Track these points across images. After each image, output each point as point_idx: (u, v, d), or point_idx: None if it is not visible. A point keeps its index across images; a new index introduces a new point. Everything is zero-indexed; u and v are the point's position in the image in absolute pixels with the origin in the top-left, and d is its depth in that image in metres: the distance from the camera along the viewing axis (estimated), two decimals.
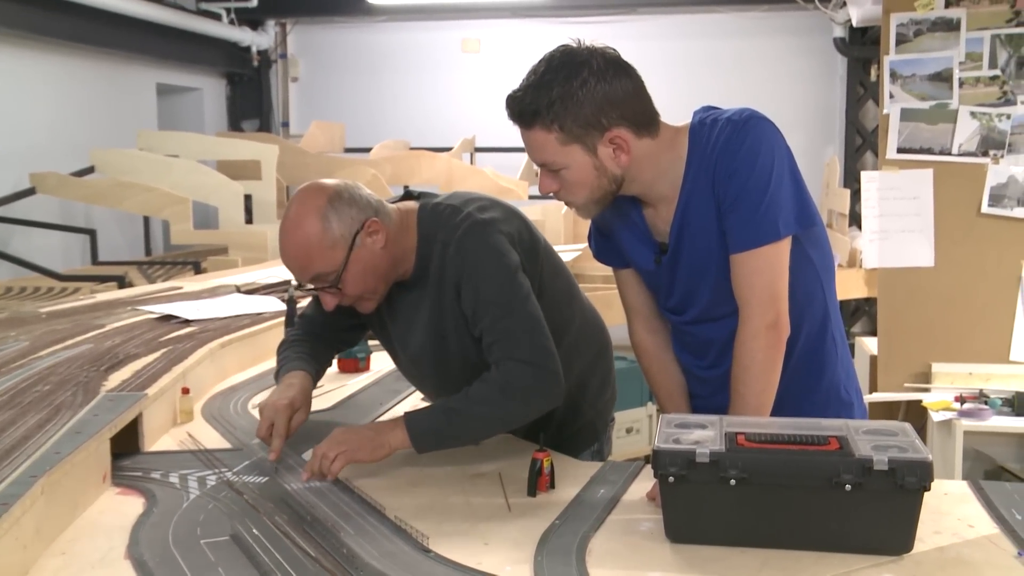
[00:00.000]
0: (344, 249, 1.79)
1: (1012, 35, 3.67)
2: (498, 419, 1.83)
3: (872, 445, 1.43)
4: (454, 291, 1.84)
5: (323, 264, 1.79)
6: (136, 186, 5.38)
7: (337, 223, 1.78)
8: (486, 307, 1.81)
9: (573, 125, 1.63)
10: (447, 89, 8.23)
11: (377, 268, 1.84)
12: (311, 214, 1.78)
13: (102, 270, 5.31)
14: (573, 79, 1.62)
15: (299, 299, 2.64)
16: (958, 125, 3.76)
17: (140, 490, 1.74)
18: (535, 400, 1.82)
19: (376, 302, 1.89)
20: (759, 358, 1.69)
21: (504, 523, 1.58)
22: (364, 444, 1.78)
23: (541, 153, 1.68)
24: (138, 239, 6.81)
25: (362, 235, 1.79)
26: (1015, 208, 3.75)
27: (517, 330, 1.80)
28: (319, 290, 1.86)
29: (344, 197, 1.81)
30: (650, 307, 1.92)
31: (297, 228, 1.79)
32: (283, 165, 6.52)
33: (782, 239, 1.67)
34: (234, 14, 7.76)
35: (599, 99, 1.63)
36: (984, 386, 3.72)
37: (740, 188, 1.65)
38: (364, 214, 1.81)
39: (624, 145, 1.67)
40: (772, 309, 1.68)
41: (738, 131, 1.67)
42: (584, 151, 1.66)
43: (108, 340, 2.59)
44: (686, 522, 1.48)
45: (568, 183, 1.70)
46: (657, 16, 7.80)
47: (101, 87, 6.52)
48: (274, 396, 1.92)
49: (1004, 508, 1.59)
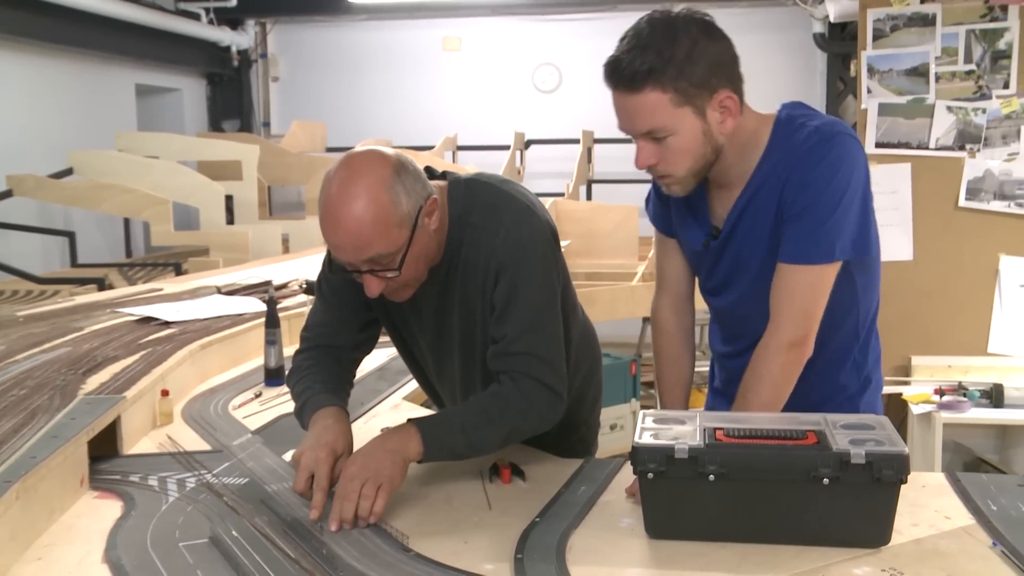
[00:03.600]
0: (409, 228, 1.57)
1: (986, 30, 3.70)
2: (506, 439, 1.71)
3: (850, 439, 1.44)
4: (492, 278, 1.69)
5: (386, 244, 1.56)
6: (115, 187, 5.35)
7: (405, 198, 1.57)
8: (520, 313, 1.67)
9: (688, 85, 1.57)
10: (428, 88, 8.23)
11: (429, 252, 1.66)
12: (377, 186, 1.54)
13: (81, 272, 5.28)
14: (684, 38, 1.56)
15: (278, 300, 2.63)
16: (935, 119, 3.79)
17: (118, 493, 1.73)
18: (543, 424, 1.72)
19: (413, 290, 1.70)
20: (775, 371, 1.67)
21: (484, 521, 1.58)
22: (392, 467, 1.57)
23: (651, 117, 1.59)
24: (118, 241, 6.77)
25: (422, 214, 1.60)
26: (992, 202, 3.78)
27: (544, 350, 1.68)
28: (367, 273, 1.61)
29: (409, 169, 1.59)
30: (684, 286, 1.90)
31: (357, 200, 1.53)
32: (264, 165, 6.50)
33: (833, 263, 1.65)
34: (213, 14, 7.73)
35: (710, 58, 1.58)
36: (963, 378, 3.75)
37: (809, 201, 1.62)
38: (427, 190, 1.62)
39: (733, 108, 1.62)
40: (802, 328, 1.66)
41: (824, 143, 1.63)
42: (695, 114, 1.59)
43: (86, 343, 2.57)
44: (666, 518, 1.48)
45: (672, 151, 1.62)
46: (637, 12, 7.63)
47: (79, 88, 6.48)
48: (309, 442, 1.63)
49: (980, 499, 1.60)
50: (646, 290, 4.96)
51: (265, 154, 6.46)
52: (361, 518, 1.54)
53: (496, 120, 7.96)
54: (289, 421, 2.17)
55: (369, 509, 1.53)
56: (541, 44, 8.16)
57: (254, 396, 2.42)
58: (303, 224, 6.08)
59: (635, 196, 7.22)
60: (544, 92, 8.19)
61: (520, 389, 1.67)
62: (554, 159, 7.77)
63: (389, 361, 2.72)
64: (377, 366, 2.68)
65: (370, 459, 1.58)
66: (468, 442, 1.66)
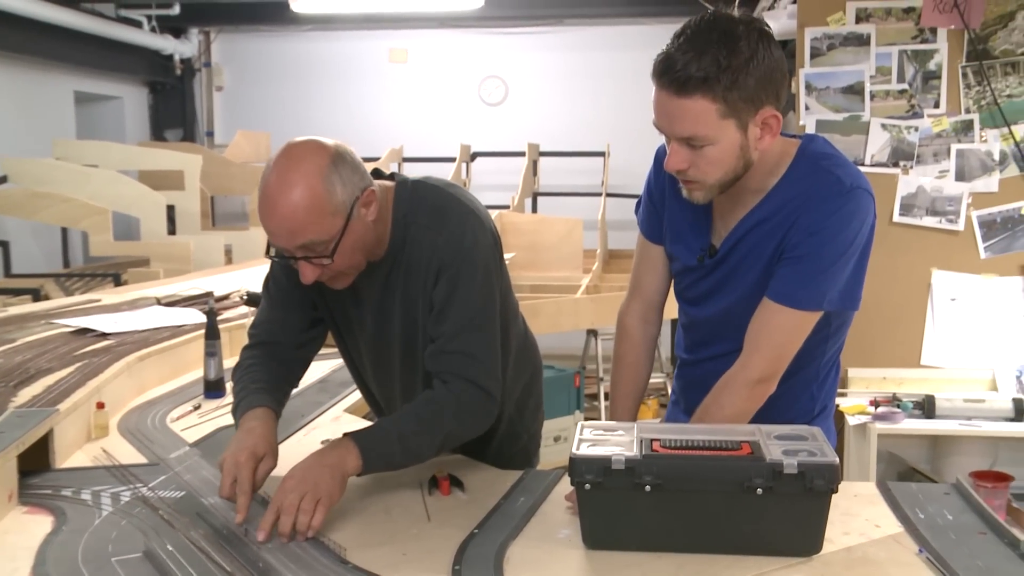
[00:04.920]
0: (343, 217, 1.62)
1: (917, 51, 3.81)
2: (443, 444, 1.72)
3: (783, 450, 1.47)
4: (433, 277, 1.73)
5: (319, 231, 1.61)
6: (53, 196, 5.24)
7: (340, 187, 1.61)
8: (458, 312, 1.71)
9: (737, 99, 1.54)
10: (375, 99, 8.20)
11: (366, 242, 1.70)
12: (313, 174, 1.59)
13: (15, 283, 5.16)
14: (744, 48, 1.52)
15: (219, 312, 2.60)
16: (870, 136, 3.89)
17: (49, 508, 1.70)
18: (478, 427, 1.76)
19: (351, 279, 1.73)
20: (738, 403, 1.67)
21: (423, 533, 1.58)
22: (331, 482, 1.57)
23: (693, 125, 1.56)
24: (55, 251, 6.62)
25: (358, 205, 1.64)
26: (924, 217, 3.88)
27: (480, 350, 1.71)
28: (303, 259, 1.64)
29: (347, 160, 1.64)
30: (657, 297, 1.90)
31: (294, 188, 1.58)
32: (207, 175, 6.41)
33: (817, 312, 1.67)
34: (156, 22, 7.63)
35: (763, 74, 1.54)
36: (897, 390, 3.83)
37: (813, 248, 1.62)
38: (364, 181, 1.67)
39: (775, 127, 1.59)
40: (773, 366, 1.67)
41: (842, 195, 1.61)
42: (737, 127, 1.57)
43: (19, 355, 2.51)
44: (603, 528, 1.49)
45: (706, 160, 1.60)
46: (584, 27, 7.89)
47: (14, 95, 6.34)
48: (232, 447, 1.66)
49: (909, 508, 1.64)
50: (590, 303, 5.00)
51: (208, 164, 6.37)
52: (300, 532, 1.53)
53: (442, 132, 7.96)
54: (228, 433, 2.14)
55: (307, 524, 1.53)
56: (487, 57, 8.19)
57: (193, 408, 2.39)
58: (246, 235, 6.00)
59: (580, 209, 7.29)
60: (490, 105, 8.22)
61: (453, 392, 1.70)
62: (500, 171, 7.79)
63: (331, 373, 2.71)
64: (319, 378, 2.66)
65: (309, 473, 1.58)
66: (405, 450, 1.67)
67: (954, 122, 3.82)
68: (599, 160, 7.50)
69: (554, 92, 8.05)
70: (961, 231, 3.86)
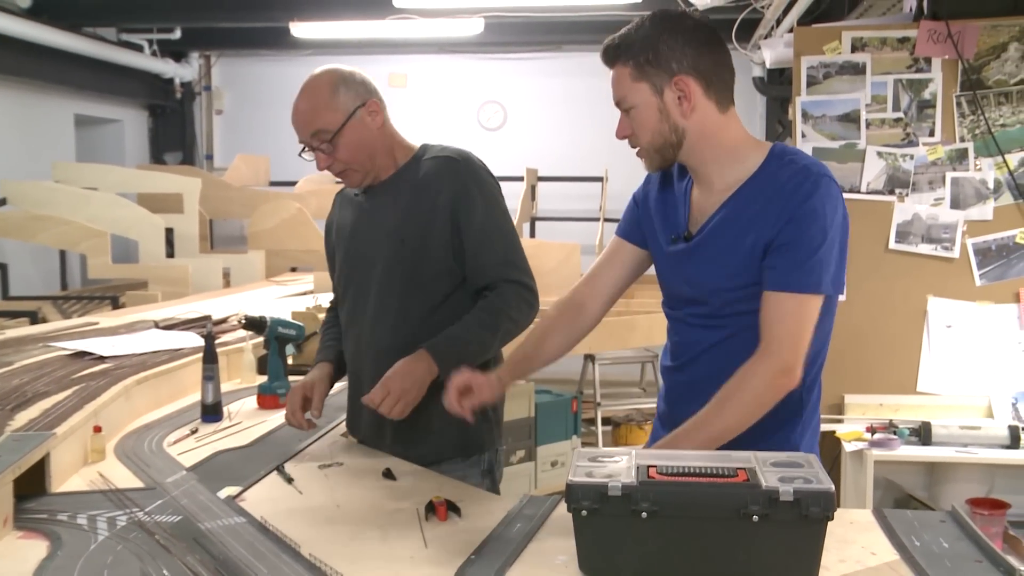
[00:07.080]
0: (345, 115, 2.09)
1: (912, 80, 3.84)
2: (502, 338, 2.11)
3: (778, 476, 1.47)
4: (434, 199, 2.10)
5: (323, 122, 2.09)
6: (52, 219, 5.26)
7: (344, 93, 2.11)
8: (490, 229, 2.12)
9: (644, 62, 1.76)
10: None
11: (371, 145, 2.13)
12: (324, 83, 2.12)
13: (13, 305, 5.16)
14: (657, 24, 1.77)
15: (217, 335, 2.61)
16: (866, 164, 3.91)
17: (45, 533, 1.69)
18: (528, 319, 2.15)
19: (361, 177, 2.16)
20: (760, 386, 1.70)
21: (420, 559, 1.58)
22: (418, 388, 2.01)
23: (617, 89, 1.81)
24: (53, 273, 6.64)
25: (363, 110, 2.11)
26: (920, 244, 3.89)
27: (517, 256, 2.15)
28: (316, 149, 2.11)
29: (356, 78, 2.15)
30: (606, 288, 2.01)
31: (308, 90, 2.12)
32: (206, 198, 6.44)
33: (820, 294, 1.71)
34: (156, 46, 7.68)
35: (678, 45, 1.74)
36: (894, 416, 3.82)
37: (796, 234, 1.70)
38: (371, 95, 2.14)
39: (687, 93, 1.75)
40: (792, 353, 1.70)
41: (810, 182, 1.72)
42: (652, 91, 1.77)
43: (16, 378, 2.52)
44: (599, 555, 1.49)
45: (636, 124, 1.80)
46: (582, 53, 7.94)
47: (15, 117, 6.38)
48: (295, 386, 2.24)
49: (904, 535, 1.64)
50: None
51: (207, 187, 6.40)
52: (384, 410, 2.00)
53: None
54: (225, 458, 2.15)
55: (390, 407, 1.99)
56: (486, 82, 8.24)
57: (190, 432, 2.39)
58: (245, 258, 6.01)
59: (578, 234, 7.31)
60: (489, 129, 8.26)
61: (504, 296, 2.10)
62: None
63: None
64: None
65: (404, 381, 2.01)
66: (472, 353, 2.04)
67: (949, 150, 3.85)
68: (597, 185, 7.54)
69: (552, 117, 8.10)
70: (956, 258, 3.87)
